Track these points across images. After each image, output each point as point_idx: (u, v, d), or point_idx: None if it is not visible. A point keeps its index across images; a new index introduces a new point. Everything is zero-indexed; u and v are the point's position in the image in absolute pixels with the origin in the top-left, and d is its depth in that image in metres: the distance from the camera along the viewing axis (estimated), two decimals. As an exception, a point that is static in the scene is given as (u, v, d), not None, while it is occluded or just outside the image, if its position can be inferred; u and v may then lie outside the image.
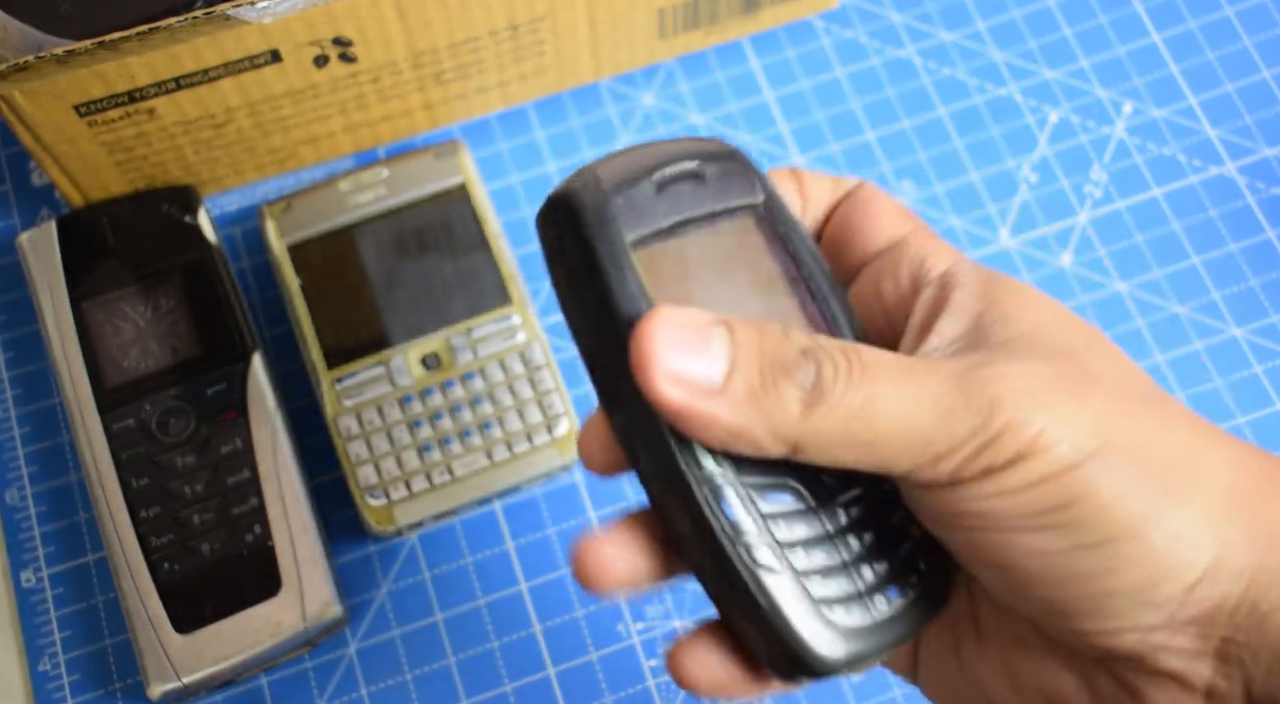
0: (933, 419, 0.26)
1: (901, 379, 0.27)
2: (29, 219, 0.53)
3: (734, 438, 0.26)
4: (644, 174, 0.30)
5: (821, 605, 0.27)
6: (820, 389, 0.26)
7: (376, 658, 0.47)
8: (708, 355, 0.26)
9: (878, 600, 0.28)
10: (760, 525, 0.27)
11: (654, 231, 0.29)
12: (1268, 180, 0.53)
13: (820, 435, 0.26)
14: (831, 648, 0.27)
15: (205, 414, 0.47)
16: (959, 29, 0.56)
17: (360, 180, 0.51)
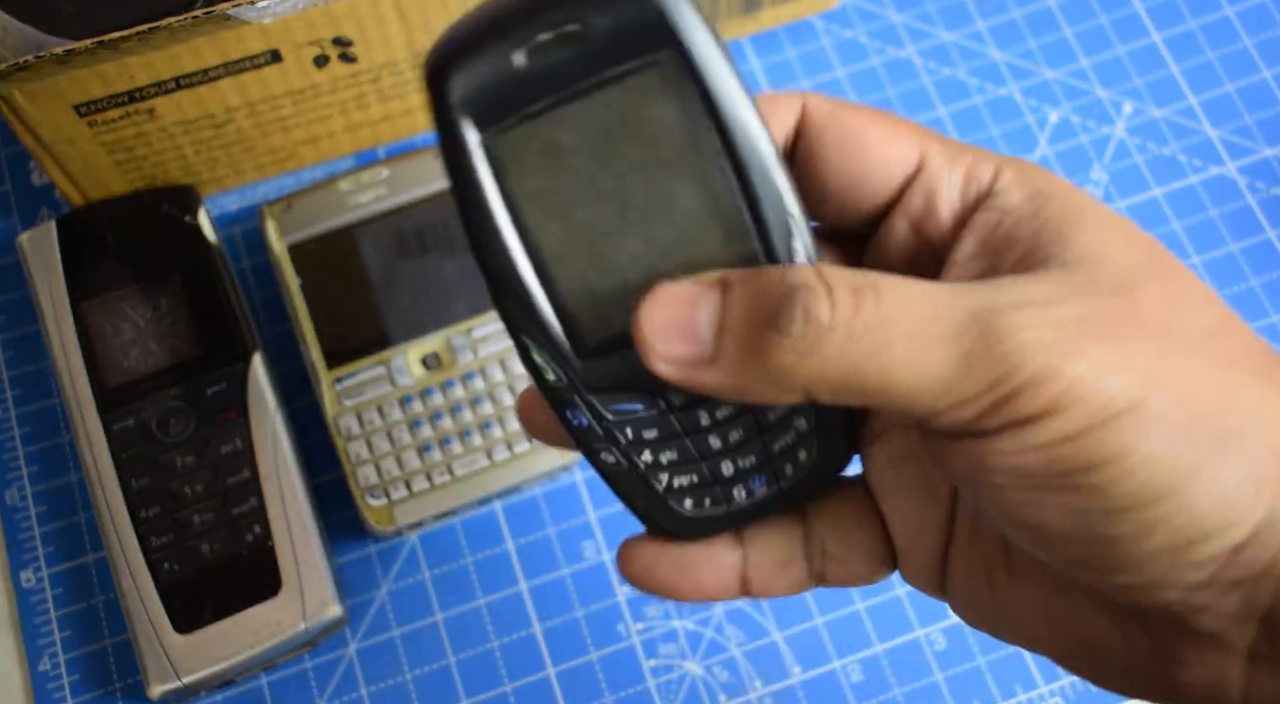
0: (950, 366, 0.24)
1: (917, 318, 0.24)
2: (29, 219, 0.53)
3: (742, 395, 0.26)
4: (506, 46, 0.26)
5: (669, 496, 0.29)
6: (814, 333, 0.25)
7: (376, 658, 0.47)
8: (696, 326, 0.26)
9: (735, 490, 0.29)
10: (602, 430, 0.28)
11: (517, 119, 0.26)
12: (1268, 180, 0.53)
13: (825, 382, 0.25)
14: (680, 529, 0.30)
15: (205, 414, 0.47)
16: (959, 29, 0.56)
17: (360, 180, 0.51)
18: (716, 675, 0.46)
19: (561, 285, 0.27)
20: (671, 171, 0.27)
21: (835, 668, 0.46)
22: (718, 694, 0.46)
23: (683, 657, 0.46)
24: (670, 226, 0.27)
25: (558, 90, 0.26)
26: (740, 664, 0.46)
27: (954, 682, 0.46)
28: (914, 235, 0.29)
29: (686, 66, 0.26)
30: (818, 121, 0.29)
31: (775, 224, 0.27)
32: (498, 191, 0.27)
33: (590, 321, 0.28)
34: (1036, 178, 0.28)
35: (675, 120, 0.27)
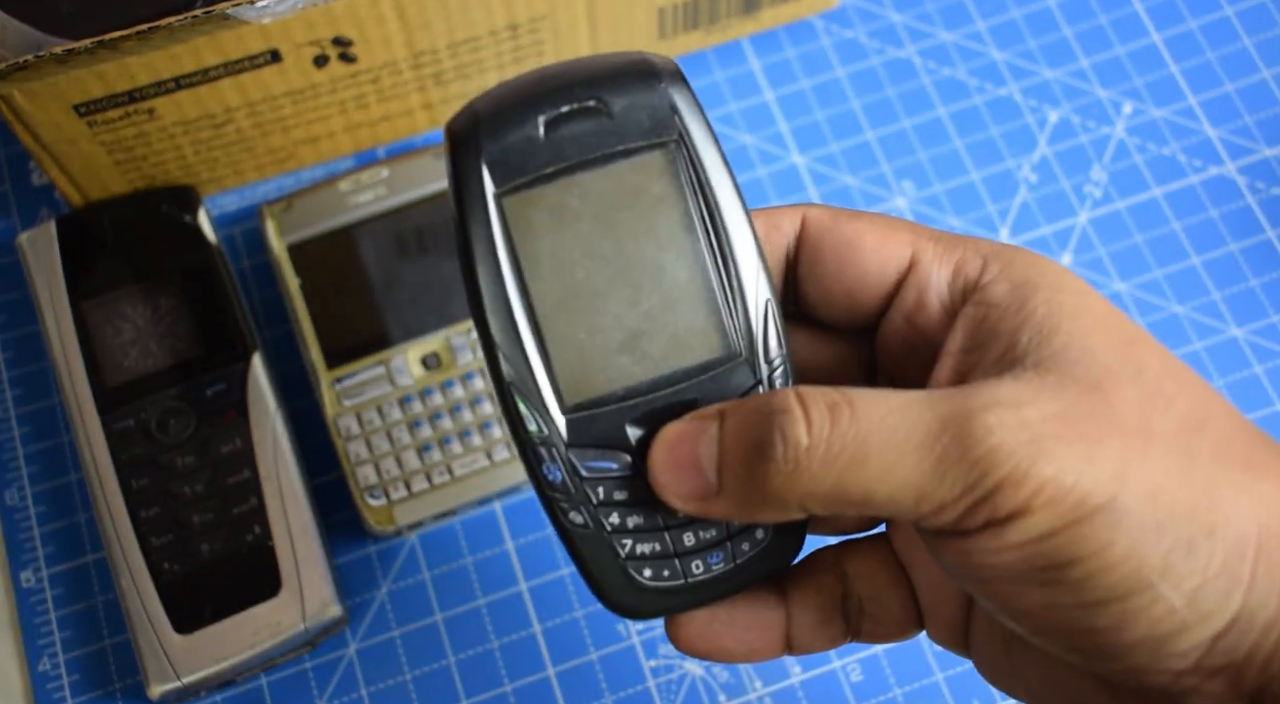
0: (925, 474, 0.26)
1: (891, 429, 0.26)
2: (29, 219, 0.53)
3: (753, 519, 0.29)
4: (530, 112, 0.29)
5: (629, 563, 0.30)
6: (795, 457, 0.26)
7: (376, 658, 0.47)
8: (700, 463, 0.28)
9: (694, 564, 0.30)
10: (575, 487, 0.29)
11: (530, 180, 0.29)
12: (1268, 180, 0.53)
13: (815, 498, 0.27)
14: (635, 601, 0.30)
15: (205, 414, 0.47)
16: (959, 29, 0.56)
17: (360, 180, 0.51)
18: (716, 675, 0.46)
19: (552, 340, 0.29)
20: (664, 245, 0.29)
21: (835, 668, 0.46)
22: (718, 694, 0.46)
23: (682, 657, 0.46)
24: (658, 295, 0.29)
25: (571, 158, 0.29)
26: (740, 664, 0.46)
27: (954, 682, 0.46)
28: (909, 329, 0.31)
29: (686, 154, 0.29)
30: (816, 231, 0.31)
31: (754, 304, 0.30)
32: (505, 244, 0.29)
33: (575, 379, 0.29)
34: (1023, 268, 0.29)
35: (673, 199, 0.29)
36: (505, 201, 0.29)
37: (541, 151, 0.29)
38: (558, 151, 0.29)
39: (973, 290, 0.29)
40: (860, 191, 0.53)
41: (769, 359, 0.30)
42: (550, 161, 0.29)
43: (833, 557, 0.33)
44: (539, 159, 0.29)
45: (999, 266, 0.29)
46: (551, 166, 0.29)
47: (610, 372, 0.29)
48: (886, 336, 0.31)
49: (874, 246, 0.30)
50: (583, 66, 0.30)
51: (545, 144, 0.29)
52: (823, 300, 0.32)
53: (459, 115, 0.29)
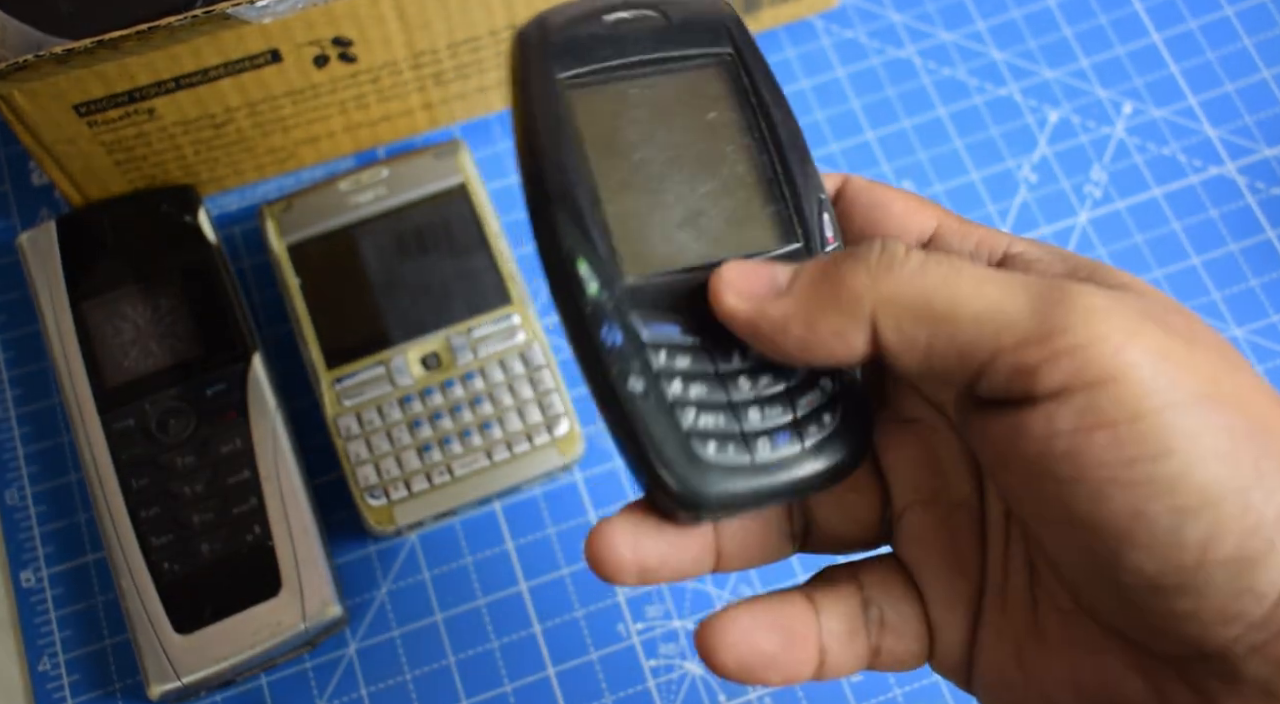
0: (1020, 301, 0.24)
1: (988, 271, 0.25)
2: (29, 219, 0.53)
3: (808, 330, 0.26)
4: (597, 12, 0.30)
5: (692, 437, 0.28)
6: (889, 259, 0.26)
7: (376, 658, 0.47)
8: (774, 273, 0.28)
9: (760, 444, 0.28)
10: (635, 352, 0.28)
11: (593, 70, 0.30)
12: (1268, 180, 0.53)
13: (895, 306, 0.25)
14: (696, 480, 0.27)
15: (205, 414, 0.47)
16: (959, 29, 0.56)
17: (360, 180, 0.51)
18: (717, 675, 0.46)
19: (612, 213, 0.29)
20: (722, 138, 0.30)
21: (835, 668, 0.46)
22: (718, 694, 0.46)
23: (683, 657, 0.46)
24: (717, 181, 0.30)
25: (635, 55, 0.30)
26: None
27: (954, 682, 0.46)
28: None
29: (742, 67, 0.31)
30: (852, 191, 0.32)
31: (808, 198, 0.30)
32: (568, 124, 0.29)
33: (637, 250, 0.29)
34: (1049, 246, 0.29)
35: (728, 102, 0.30)
36: (570, 90, 0.29)
37: (606, 47, 0.30)
38: (621, 48, 0.30)
39: (1002, 261, 0.29)
40: (860, 191, 0.53)
41: (825, 247, 0.30)
42: (614, 56, 0.30)
43: (847, 569, 0.32)
44: (603, 52, 0.30)
45: (1025, 242, 0.30)
46: (616, 60, 0.30)
47: (672, 245, 0.29)
48: None
49: (901, 211, 0.31)
50: None
51: (609, 40, 0.30)
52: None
53: (529, 21, 0.30)
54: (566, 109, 0.29)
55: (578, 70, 0.29)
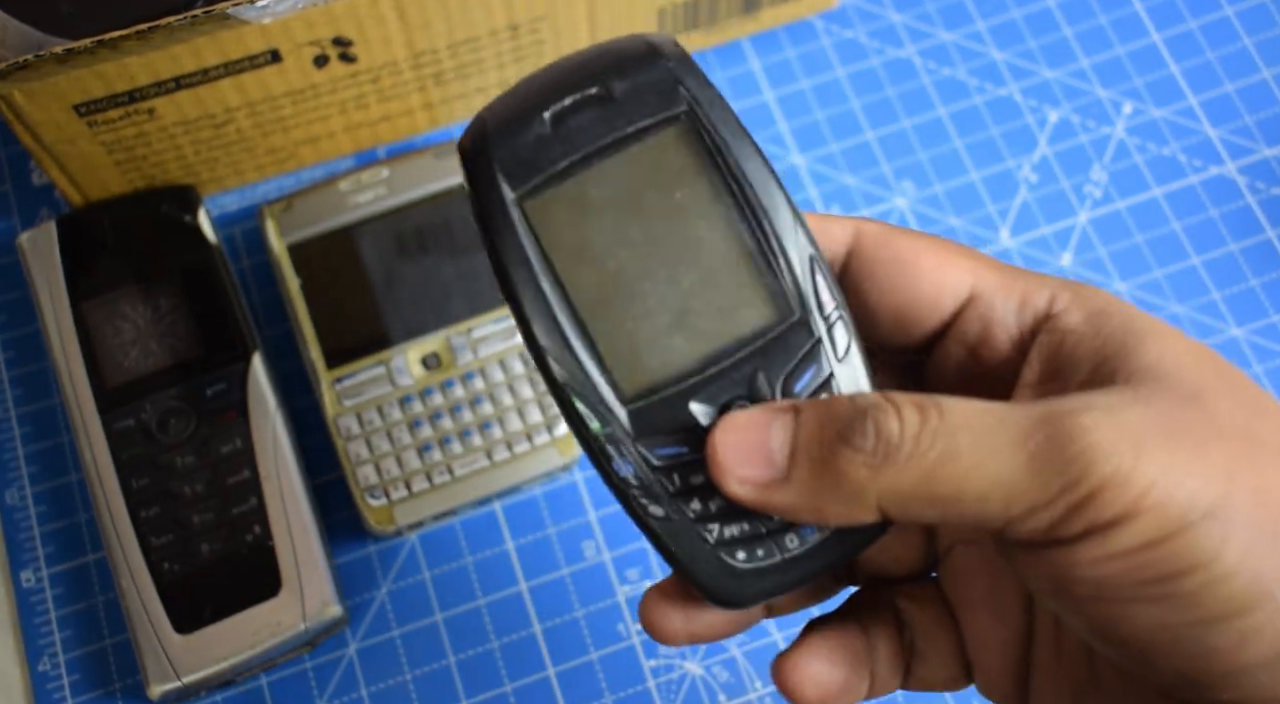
0: (1019, 471, 0.24)
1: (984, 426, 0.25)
2: (29, 219, 0.53)
3: (817, 516, 0.26)
4: (534, 111, 0.28)
5: (720, 549, 0.28)
6: (885, 448, 0.25)
7: (376, 658, 0.47)
8: (769, 447, 0.27)
9: (788, 538, 0.29)
10: (649, 479, 0.28)
11: (546, 178, 0.28)
12: (1268, 180, 0.53)
13: (898, 496, 0.25)
14: (735, 586, 0.28)
15: (205, 414, 0.47)
16: (959, 29, 0.56)
17: (360, 180, 0.51)
18: (716, 675, 0.46)
19: (599, 334, 0.28)
20: (694, 218, 0.29)
21: (835, 668, 0.46)
22: (718, 694, 0.46)
23: (683, 657, 0.46)
24: (698, 270, 0.29)
25: (584, 149, 0.28)
26: (740, 664, 0.46)
27: (954, 682, 0.46)
28: (971, 360, 0.29)
29: (700, 124, 0.29)
30: (869, 246, 0.30)
31: (798, 261, 0.29)
32: (535, 247, 0.28)
33: (629, 368, 0.28)
34: (1094, 298, 0.28)
35: (693, 171, 0.29)
36: (526, 204, 0.28)
37: (552, 148, 0.28)
38: (568, 145, 0.29)
39: (1044, 321, 0.28)
40: (860, 191, 0.53)
41: (824, 313, 0.29)
42: (563, 156, 0.28)
43: (886, 594, 0.32)
44: (551, 155, 0.28)
45: (1069, 296, 0.28)
46: (565, 161, 0.28)
47: (664, 355, 0.28)
48: (942, 367, 0.30)
49: (931, 267, 0.29)
50: (581, 57, 0.29)
51: (555, 139, 0.28)
52: (868, 319, 0.30)
53: (469, 129, 0.29)
54: (528, 229, 0.28)
55: (530, 184, 0.28)
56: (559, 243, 0.28)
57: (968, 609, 0.31)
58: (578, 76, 0.29)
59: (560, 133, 0.29)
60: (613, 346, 0.28)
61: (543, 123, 0.29)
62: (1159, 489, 0.23)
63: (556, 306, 0.28)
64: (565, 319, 0.28)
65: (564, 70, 0.29)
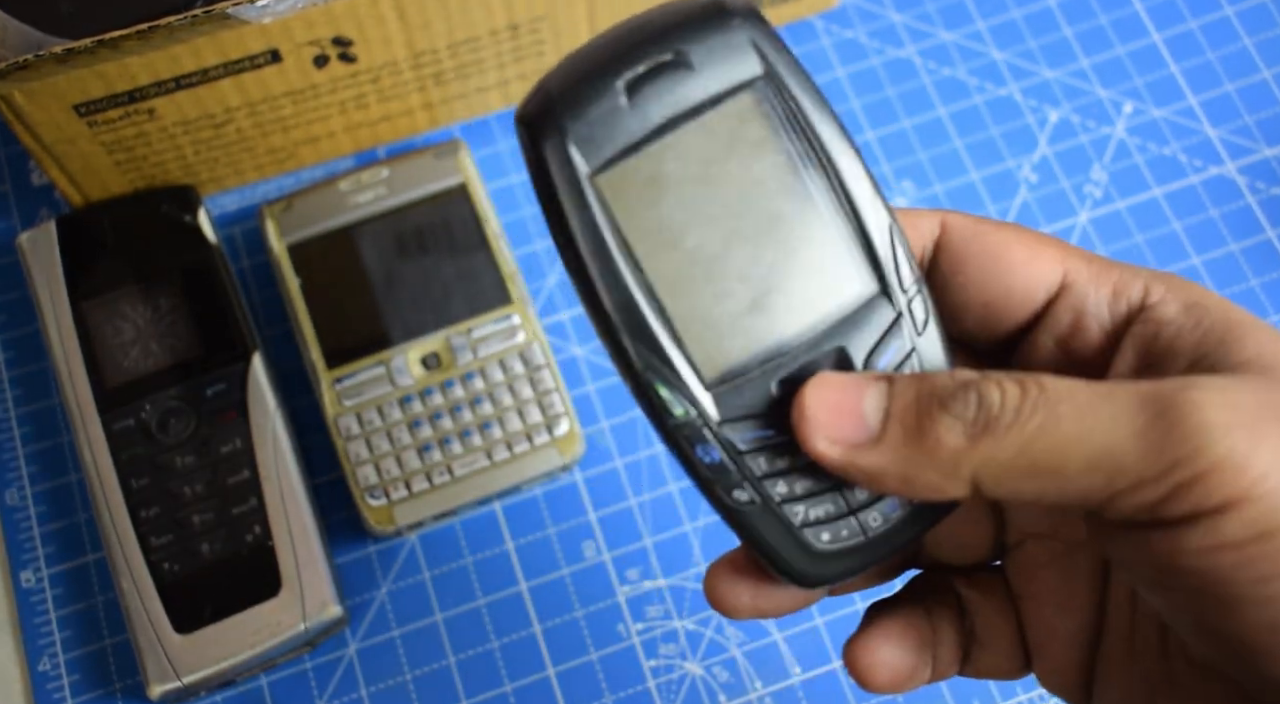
0: (1127, 441, 0.23)
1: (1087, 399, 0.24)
2: (29, 219, 0.53)
3: (905, 484, 0.26)
4: (607, 79, 0.27)
5: (805, 530, 0.28)
6: (986, 417, 0.24)
7: (376, 658, 0.47)
8: (861, 409, 0.26)
9: (871, 517, 0.28)
10: (735, 464, 0.27)
11: (620, 152, 0.27)
12: (1268, 180, 0.53)
13: (996, 466, 0.24)
14: (819, 567, 0.28)
15: (205, 414, 0.47)
16: (959, 29, 0.56)
17: (360, 180, 0.51)
18: (716, 675, 0.46)
19: (678, 317, 0.27)
20: (773, 192, 0.28)
21: (835, 668, 0.46)
22: (718, 694, 0.46)
23: (683, 657, 0.46)
24: (778, 247, 0.28)
25: (659, 120, 0.27)
26: (740, 664, 0.46)
27: (954, 682, 0.46)
28: (1061, 353, 0.29)
29: (776, 90, 0.28)
30: (958, 238, 0.29)
31: (877, 233, 0.28)
32: (609, 226, 0.27)
33: (711, 351, 0.28)
34: (1189, 290, 0.27)
35: (771, 141, 0.28)
36: (600, 181, 0.27)
37: (627, 118, 0.27)
38: (644, 116, 0.27)
39: (1138, 312, 0.27)
40: (860, 191, 0.53)
41: (904, 287, 0.28)
42: (639, 128, 0.27)
43: (947, 580, 0.32)
44: (626, 127, 0.27)
45: (1164, 287, 0.27)
46: (640, 133, 0.27)
47: (746, 336, 0.27)
48: (1031, 359, 0.29)
49: (1023, 260, 0.29)
50: (649, 19, 0.28)
51: (629, 110, 0.27)
52: (958, 312, 0.30)
53: (531, 97, 0.27)
54: (603, 207, 0.27)
55: (604, 157, 0.27)
56: (635, 222, 0.27)
57: (1034, 601, 0.31)
58: (649, 41, 0.27)
59: (634, 102, 0.27)
60: (693, 330, 0.27)
61: (615, 92, 0.27)
62: (1273, 480, 0.22)
63: (635, 290, 0.27)
64: (644, 302, 0.27)
65: (633, 34, 0.27)
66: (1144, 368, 0.27)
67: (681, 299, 0.27)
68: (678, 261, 0.27)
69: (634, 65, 0.27)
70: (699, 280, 0.27)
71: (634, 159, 0.27)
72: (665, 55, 0.27)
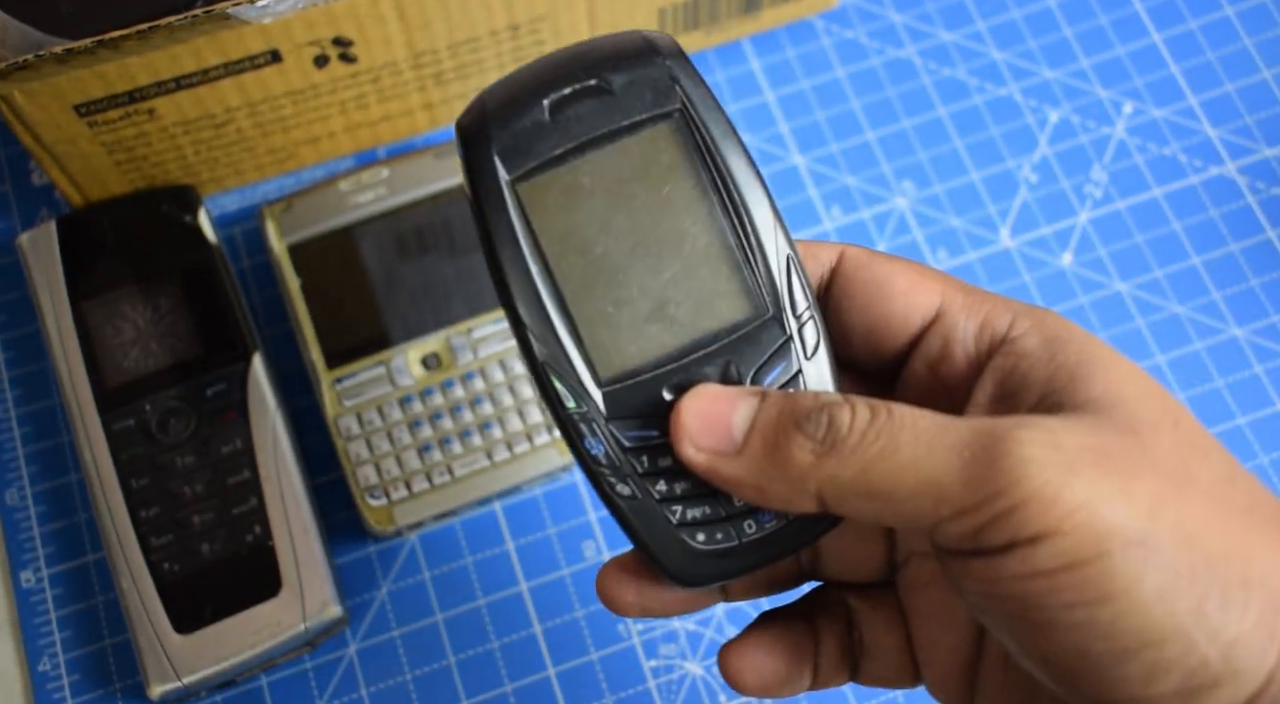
0: (951, 473, 0.25)
1: (926, 428, 0.26)
2: (29, 219, 0.53)
3: (759, 494, 0.28)
4: (534, 98, 0.29)
5: (682, 530, 0.29)
6: (833, 438, 0.26)
7: (376, 658, 0.47)
8: (731, 421, 0.28)
9: (747, 523, 0.30)
10: (620, 458, 0.29)
11: (541, 163, 0.29)
12: (1268, 180, 0.53)
13: (837, 485, 0.26)
14: (692, 567, 0.30)
15: (205, 414, 0.47)
16: (959, 29, 0.56)
17: (360, 180, 0.51)
18: (716, 676, 0.46)
19: (581, 317, 0.29)
20: (679, 212, 0.30)
21: (835, 668, 0.46)
22: (718, 694, 0.46)
23: (683, 657, 0.46)
24: (680, 262, 0.30)
25: (579, 138, 0.29)
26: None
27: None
28: (932, 378, 0.30)
29: (691, 123, 0.30)
30: (851, 268, 0.31)
31: (775, 261, 0.30)
32: (525, 228, 0.29)
33: (607, 352, 0.29)
34: (1053, 325, 0.29)
35: (683, 167, 0.30)
36: (519, 187, 0.29)
37: (549, 134, 0.29)
38: (565, 132, 0.29)
39: (1000, 343, 0.29)
40: (860, 191, 0.53)
41: (796, 313, 0.30)
42: (559, 143, 0.29)
43: (838, 593, 0.34)
44: (548, 142, 0.29)
45: (1029, 322, 0.29)
46: (561, 147, 0.29)
47: (641, 342, 0.30)
48: (908, 385, 0.31)
49: (903, 289, 0.30)
50: (582, 49, 0.30)
51: (552, 127, 0.29)
52: (844, 337, 0.32)
53: (468, 109, 0.30)
54: (520, 211, 0.29)
55: (525, 167, 0.29)
56: (549, 227, 0.29)
57: (919, 615, 0.32)
58: (578, 67, 0.30)
59: (558, 120, 0.29)
60: (593, 330, 0.29)
61: (541, 109, 0.29)
62: (1084, 513, 0.24)
63: (542, 287, 0.29)
64: (550, 300, 0.29)
65: (564, 60, 0.30)
66: (1001, 397, 0.29)
67: (584, 302, 0.29)
68: (584, 267, 0.29)
69: (561, 87, 0.29)
70: (602, 286, 0.30)
71: (553, 171, 0.29)
72: (590, 81, 0.29)
